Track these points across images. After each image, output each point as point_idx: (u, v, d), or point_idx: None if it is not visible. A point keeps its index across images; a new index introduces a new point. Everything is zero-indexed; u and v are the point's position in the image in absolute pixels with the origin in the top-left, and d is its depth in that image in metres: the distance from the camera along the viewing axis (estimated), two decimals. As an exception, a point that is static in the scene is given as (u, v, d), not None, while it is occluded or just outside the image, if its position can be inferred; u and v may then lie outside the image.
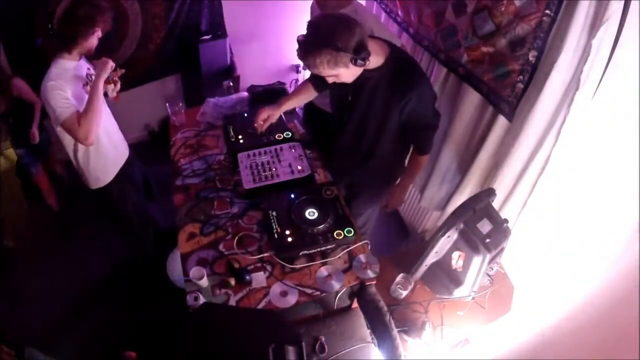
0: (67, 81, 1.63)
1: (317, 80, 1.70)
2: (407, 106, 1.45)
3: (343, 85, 1.44)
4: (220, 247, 1.55)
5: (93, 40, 1.68)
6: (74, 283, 2.41)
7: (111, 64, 1.69)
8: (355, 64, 1.29)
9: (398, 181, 1.86)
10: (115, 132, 1.95)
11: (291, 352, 1.25)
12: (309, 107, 2.27)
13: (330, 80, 1.38)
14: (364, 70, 1.39)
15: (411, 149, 1.71)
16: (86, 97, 1.66)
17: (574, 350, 1.07)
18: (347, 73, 1.34)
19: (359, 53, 1.27)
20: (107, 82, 1.72)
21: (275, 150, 1.86)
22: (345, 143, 1.73)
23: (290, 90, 3.17)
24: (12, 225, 2.61)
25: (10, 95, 2.17)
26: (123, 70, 1.79)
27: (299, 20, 2.85)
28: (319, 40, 1.27)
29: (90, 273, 2.47)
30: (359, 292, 1.46)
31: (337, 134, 1.75)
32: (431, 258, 1.51)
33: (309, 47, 1.29)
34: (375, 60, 1.40)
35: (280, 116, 2.06)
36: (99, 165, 1.84)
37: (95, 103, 1.62)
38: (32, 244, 2.63)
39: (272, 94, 2.37)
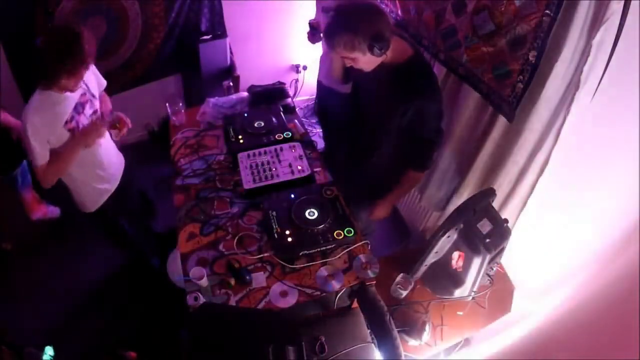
0: (50, 118, 1.45)
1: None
2: (409, 111, 1.44)
3: (361, 75, 1.48)
4: (220, 247, 1.55)
5: (82, 73, 1.46)
6: (74, 283, 2.41)
7: (104, 130, 1.58)
8: (371, 52, 1.32)
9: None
10: (111, 158, 1.83)
11: (291, 352, 1.25)
12: (323, 102, 2.23)
13: (347, 63, 1.43)
14: (382, 64, 1.42)
15: None
16: (66, 137, 1.50)
17: (574, 350, 1.07)
18: (364, 60, 1.38)
19: (377, 42, 1.30)
20: (112, 127, 1.65)
21: (275, 150, 1.86)
22: (348, 135, 1.73)
23: (291, 90, 3.17)
24: (11, 227, 2.61)
25: None
26: (129, 123, 1.69)
27: (299, 20, 2.85)
28: (339, 22, 1.34)
29: (90, 273, 2.47)
30: (359, 292, 1.46)
31: (342, 127, 1.75)
32: (431, 258, 1.51)
33: (330, 27, 1.36)
34: (396, 58, 1.42)
35: (281, 116, 2.06)
36: (86, 194, 1.76)
37: (68, 159, 1.51)
38: (31, 244, 2.63)
39: (272, 94, 2.36)
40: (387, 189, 1.74)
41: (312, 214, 1.57)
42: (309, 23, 2.17)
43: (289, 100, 2.36)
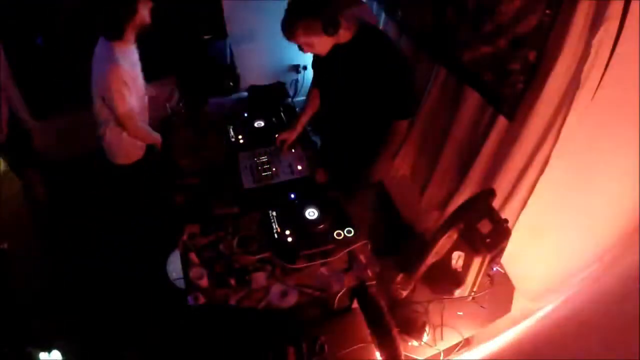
0: (128, 68, 1.65)
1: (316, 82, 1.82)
2: (377, 76, 1.51)
3: (323, 64, 1.61)
4: (220, 247, 1.55)
5: (143, 14, 1.64)
6: (74, 284, 2.41)
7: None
8: (326, 32, 1.42)
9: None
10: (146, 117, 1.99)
11: (291, 352, 1.25)
12: None
13: (306, 50, 1.53)
14: (337, 46, 1.51)
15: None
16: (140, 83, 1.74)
17: (574, 350, 1.07)
18: (320, 43, 1.47)
19: (330, 22, 1.41)
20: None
21: (276, 150, 1.86)
22: (331, 122, 1.79)
23: (291, 90, 3.17)
24: (9, 226, 2.61)
25: None
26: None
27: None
28: (296, 8, 1.44)
29: (90, 273, 2.47)
30: (359, 292, 1.46)
31: (325, 117, 1.82)
32: (431, 258, 1.51)
33: (287, 15, 1.46)
34: (346, 36, 1.51)
35: (281, 116, 2.06)
36: (131, 142, 1.88)
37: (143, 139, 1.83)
38: (31, 244, 2.63)
39: (272, 94, 2.37)
40: (378, 152, 1.75)
41: (312, 214, 1.56)
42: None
43: (289, 100, 2.36)
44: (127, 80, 1.66)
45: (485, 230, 1.39)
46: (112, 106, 1.67)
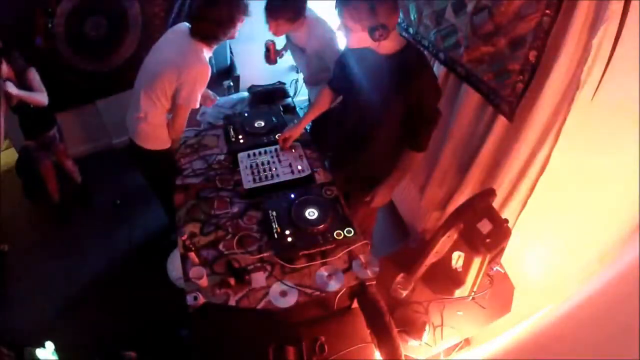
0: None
1: (335, 84, 1.78)
2: (408, 98, 1.45)
3: (353, 69, 1.55)
4: (220, 247, 1.55)
5: (237, 29, 1.76)
6: (74, 283, 2.41)
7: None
8: (371, 35, 1.35)
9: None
10: None
11: (291, 352, 1.25)
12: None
13: (341, 34, 1.49)
14: (376, 54, 1.45)
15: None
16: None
17: (574, 350, 1.07)
18: (356, 36, 1.40)
19: (381, 28, 1.34)
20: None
21: (275, 150, 1.86)
22: (347, 128, 1.73)
23: (291, 90, 3.17)
24: (10, 227, 2.61)
25: (25, 87, 2.16)
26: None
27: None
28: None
29: (90, 273, 2.47)
30: (359, 292, 1.46)
31: (339, 121, 1.76)
32: (431, 258, 1.51)
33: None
34: (389, 48, 1.44)
35: (281, 116, 2.06)
36: (165, 131, 1.92)
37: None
38: (31, 244, 2.63)
39: (272, 94, 2.37)
40: (386, 174, 1.73)
41: (312, 214, 1.56)
42: (265, 44, 2.24)
43: (289, 100, 2.36)
44: (206, 83, 1.76)
45: (485, 230, 1.39)
46: (186, 97, 1.72)
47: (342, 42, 1.87)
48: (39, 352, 1.75)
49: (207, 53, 1.74)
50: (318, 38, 1.97)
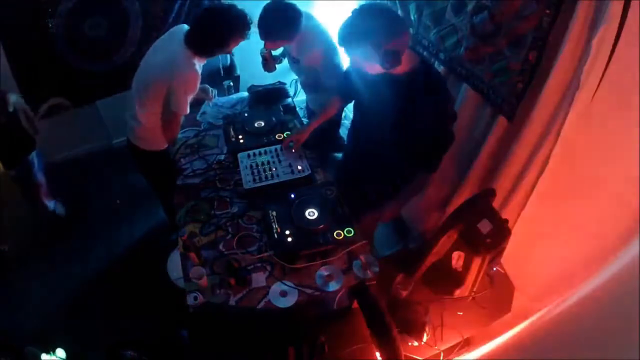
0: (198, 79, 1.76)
1: (344, 94, 1.77)
2: (421, 119, 1.41)
3: (365, 83, 1.52)
4: (220, 247, 1.55)
5: (232, 48, 1.80)
6: (74, 283, 2.41)
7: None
8: (381, 63, 1.32)
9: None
10: None
11: (291, 352, 1.25)
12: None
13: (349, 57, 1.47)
14: (392, 74, 1.39)
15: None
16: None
17: (574, 350, 1.07)
18: (364, 61, 1.38)
19: (390, 56, 1.31)
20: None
21: (275, 150, 1.86)
22: (362, 145, 1.72)
23: (291, 90, 3.17)
24: (9, 228, 2.60)
25: (4, 112, 2.02)
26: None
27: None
28: (371, 17, 1.35)
29: (90, 273, 2.47)
30: (359, 292, 1.46)
31: (354, 138, 1.76)
32: (431, 258, 1.51)
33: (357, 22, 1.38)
34: (402, 67, 1.38)
35: (281, 116, 2.06)
36: (160, 133, 1.92)
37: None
38: (31, 244, 2.62)
39: (272, 93, 2.37)
40: (395, 191, 1.71)
41: (312, 214, 1.56)
42: (260, 54, 2.21)
43: (289, 100, 2.36)
44: (195, 90, 1.77)
45: (485, 230, 1.39)
46: (175, 102, 1.73)
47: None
48: (44, 357, 1.74)
49: (198, 61, 1.74)
50: (312, 53, 1.93)
